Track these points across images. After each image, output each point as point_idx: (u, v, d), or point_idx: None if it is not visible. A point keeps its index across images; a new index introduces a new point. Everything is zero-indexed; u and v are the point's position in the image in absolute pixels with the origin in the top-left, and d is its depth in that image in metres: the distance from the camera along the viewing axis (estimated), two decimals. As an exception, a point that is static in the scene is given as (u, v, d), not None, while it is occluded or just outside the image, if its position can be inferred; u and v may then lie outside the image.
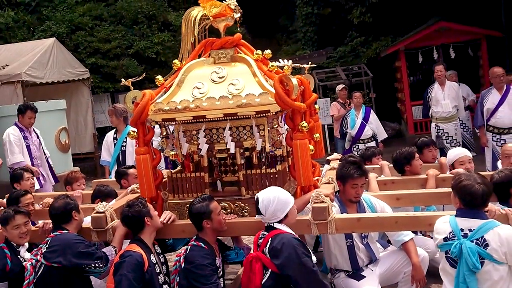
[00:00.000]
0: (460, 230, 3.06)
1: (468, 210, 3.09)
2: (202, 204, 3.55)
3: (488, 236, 2.97)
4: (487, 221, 3.04)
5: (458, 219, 3.11)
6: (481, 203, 3.09)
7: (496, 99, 6.81)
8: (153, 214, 3.63)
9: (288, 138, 3.91)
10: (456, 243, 3.03)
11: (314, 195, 3.48)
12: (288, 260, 3.16)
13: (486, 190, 3.07)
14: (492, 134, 6.89)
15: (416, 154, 4.60)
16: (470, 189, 3.06)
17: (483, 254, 2.95)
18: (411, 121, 12.46)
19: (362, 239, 3.82)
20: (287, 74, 3.68)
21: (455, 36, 11.90)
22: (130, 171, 5.11)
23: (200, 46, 4.27)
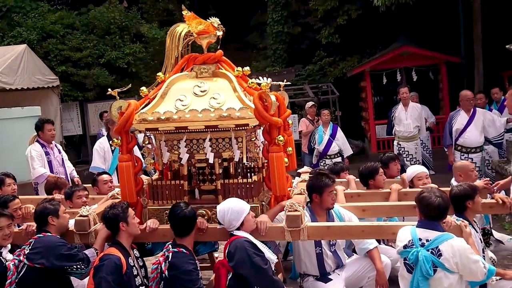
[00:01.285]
0: (419, 239, 3.39)
1: (427, 222, 3.43)
2: (190, 210, 3.76)
3: (442, 247, 3.30)
4: (442, 233, 3.38)
5: (418, 229, 3.44)
6: (437, 214, 3.43)
7: (464, 120, 7.30)
8: (130, 221, 3.76)
9: (264, 150, 4.17)
10: (414, 251, 3.36)
11: (288, 204, 3.75)
12: (240, 261, 3.52)
13: (442, 203, 3.41)
14: (460, 153, 7.38)
15: (380, 169, 4.93)
16: (427, 200, 3.42)
17: (436, 262, 3.29)
18: (374, 140, 12.95)
19: (330, 247, 4.12)
20: (266, 91, 3.96)
21: (418, 60, 12.53)
22: (99, 177, 5.28)
23: (183, 61, 4.50)
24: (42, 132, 6.59)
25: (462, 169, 4.78)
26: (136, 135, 4.32)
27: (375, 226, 3.72)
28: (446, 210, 3.44)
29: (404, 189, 4.81)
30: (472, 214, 3.96)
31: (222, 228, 3.77)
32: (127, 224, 3.73)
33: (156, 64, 15.24)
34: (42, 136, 6.60)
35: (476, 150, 7.46)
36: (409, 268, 3.39)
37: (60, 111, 12.52)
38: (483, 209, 4.14)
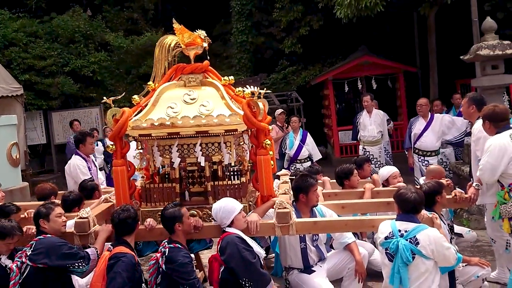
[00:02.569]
0: (398, 230, 3.80)
1: (405, 215, 3.84)
2: (174, 209, 4.02)
3: (419, 236, 3.71)
4: (419, 225, 3.79)
5: (397, 222, 3.85)
6: (412, 208, 3.84)
7: (422, 126, 7.85)
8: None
9: (252, 154, 4.49)
10: (394, 241, 3.76)
11: (277, 202, 4.08)
12: (231, 255, 3.83)
13: (418, 198, 3.84)
14: (418, 156, 7.92)
15: (355, 170, 5.34)
16: (404, 196, 3.84)
17: (414, 250, 3.69)
18: (337, 145, 13.48)
19: (313, 242, 4.47)
20: (254, 99, 4.30)
21: (377, 69, 13.17)
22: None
23: (171, 70, 4.77)
24: (84, 145, 6.30)
25: (436, 173, 5.21)
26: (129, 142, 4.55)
27: (357, 220, 4.12)
28: (421, 204, 3.85)
29: (376, 188, 5.23)
30: (440, 208, 4.41)
31: (216, 226, 4.07)
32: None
33: (121, 73, 15.35)
34: (83, 149, 6.31)
35: (432, 153, 7.99)
36: (390, 257, 3.78)
37: (24, 120, 12.44)
38: (448, 204, 4.59)
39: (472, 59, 7.60)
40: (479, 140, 5.00)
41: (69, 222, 4.15)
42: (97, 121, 14.34)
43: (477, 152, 5.09)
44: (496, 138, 4.51)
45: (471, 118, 5.43)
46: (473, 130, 5.21)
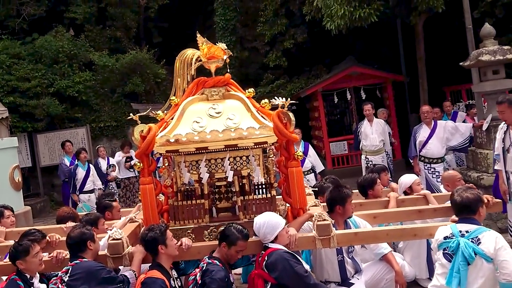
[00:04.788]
0: (459, 231, 3.67)
1: (464, 219, 3.73)
2: (235, 233, 3.92)
3: (481, 236, 3.58)
4: (481, 227, 3.69)
5: (458, 224, 3.75)
6: (468, 210, 3.72)
7: (426, 133, 7.89)
8: (169, 243, 3.85)
9: (281, 166, 4.40)
10: (455, 240, 3.62)
11: (317, 214, 3.99)
12: (284, 271, 3.72)
13: (470, 197, 3.71)
14: (424, 163, 7.94)
15: (378, 180, 5.30)
16: (455, 201, 3.78)
17: (476, 249, 3.53)
18: (329, 156, 13.47)
19: (348, 254, 4.38)
20: (284, 110, 4.23)
21: (365, 79, 13.27)
22: (114, 204, 5.27)
23: (193, 84, 4.67)
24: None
25: (449, 179, 5.21)
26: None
27: (399, 229, 4.06)
28: (476, 202, 3.72)
29: (400, 197, 5.19)
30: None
31: (258, 241, 3.95)
32: (166, 246, 3.81)
33: (106, 92, 15.09)
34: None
35: (438, 160, 8.06)
36: (449, 257, 3.62)
37: (10, 143, 12.08)
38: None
39: (473, 65, 7.71)
40: None
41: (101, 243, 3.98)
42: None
43: None
44: None
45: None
46: None
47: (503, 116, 5.51)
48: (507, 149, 5.41)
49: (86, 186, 9.84)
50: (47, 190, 14.44)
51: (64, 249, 3.99)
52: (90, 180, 9.93)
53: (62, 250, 3.95)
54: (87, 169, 9.92)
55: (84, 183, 9.82)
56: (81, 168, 9.85)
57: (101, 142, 14.16)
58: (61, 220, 4.94)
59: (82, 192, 9.82)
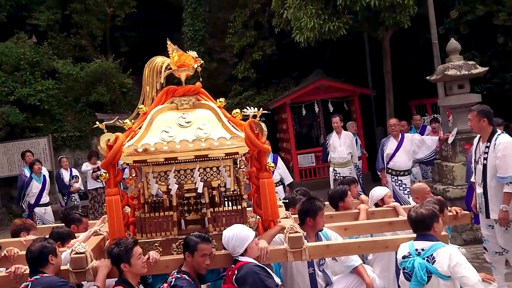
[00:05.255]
0: (415, 250, 3.72)
1: (420, 235, 3.77)
2: (193, 239, 3.82)
3: (436, 253, 3.63)
4: (437, 243, 3.71)
5: (415, 242, 3.78)
6: (423, 226, 3.76)
7: (394, 146, 7.96)
8: (134, 262, 3.68)
9: (253, 177, 4.31)
10: (411, 260, 3.68)
11: (289, 226, 3.91)
12: (254, 285, 3.61)
13: (423, 214, 3.75)
14: (391, 176, 8.00)
15: (349, 191, 5.27)
16: (410, 217, 3.82)
17: (430, 268, 3.60)
18: (297, 169, 13.48)
19: (319, 266, 4.31)
20: (257, 120, 4.15)
21: (333, 92, 13.39)
22: (84, 219, 5.07)
23: (162, 93, 4.54)
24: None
25: (419, 192, 5.22)
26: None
27: (370, 241, 4.02)
28: (430, 218, 3.75)
29: (370, 209, 5.17)
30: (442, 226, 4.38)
31: (227, 254, 3.84)
32: (130, 265, 3.66)
33: (70, 101, 14.74)
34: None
35: (405, 173, 8.14)
36: (408, 276, 3.69)
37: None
38: (449, 221, 4.60)
39: (439, 79, 7.85)
40: (506, 158, 5.10)
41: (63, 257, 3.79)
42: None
43: (500, 170, 5.15)
44: None
45: (483, 131, 5.47)
46: (495, 147, 5.24)
47: (470, 123, 5.60)
48: (477, 161, 5.48)
49: (42, 199, 9.47)
50: (5, 202, 13.91)
51: (24, 264, 3.78)
52: (45, 193, 9.57)
53: (21, 265, 3.74)
54: (42, 182, 9.52)
55: (40, 196, 9.44)
56: (35, 180, 9.45)
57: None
58: (15, 233, 4.70)
59: (37, 205, 9.44)
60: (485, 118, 5.39)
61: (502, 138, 5.29)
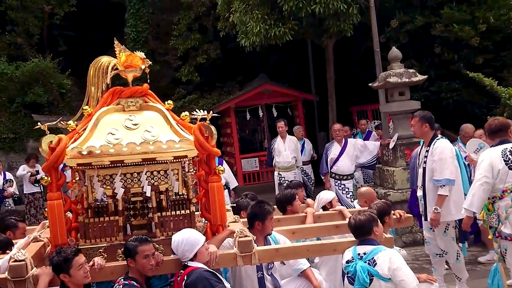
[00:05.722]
0: (358, 254, 3.83)
1: (362, 240, 3.89)
2: (132, 243, 3.70)
3: (377, 257, 3.75)
4: (378, 246, 3.84)
5: (358, 247, 3.90)
6: (363, 231, 3.89)
7: (338, 150, 8.10)
8: (74, 273, 3.52)
9: (202, 181, 4.25)
10: (353, 264, 3.79)
11: (238, 230, 3.88)
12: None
13: (362, 220, 3.89)
14: (334, 180, 8.14)
15: (296, 195, 5.31)
16: (351, 224, 3.97)
17: (371, 271, 3.72)
18: (240, 173, 13.46)
19: (268, 270, 4.31)
20: (206, 123, 4.10)
21: (277, 97, 13.48)
22: (20, 224, 4.80)
23: (108, 94, 4.40)
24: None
25: (368, 196, 5.35)
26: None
27: (319, 244, 4.06)
28: (369, 223, 3.88)
29: (317, 212, 5.23)
30: (387, 228, 4.50)
31: (176, 260, 3.76)
32: (70, 276, 3.51)
33: (4, 101, 14.05)
34: None
35: (348, 177, 8.33)
36: (351, 280, 3.78)
37: None
38: (394, 224, 4.73)
39: (381, 86, 8.08)
40: (441, 161, 5.29)
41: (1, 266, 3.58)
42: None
43: (436, 173, 5.34)
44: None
45: (425, 136, 5.65)
46: (433, 150, 5.42)
47: (413, 128, 5.81)
48: (419, 165, 5.67)
49: None
50: None
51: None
52: None
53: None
54: None
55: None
56: None
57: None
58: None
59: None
60: (427, 123, 5.60)
61: (439, 143, 5.51)
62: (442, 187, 5.36)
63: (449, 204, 5.41)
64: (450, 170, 5.34)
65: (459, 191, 5.50)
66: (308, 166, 9.24)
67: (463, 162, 5.73)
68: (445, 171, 5.35)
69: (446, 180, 5.33)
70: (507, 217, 4.62)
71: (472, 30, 10.61)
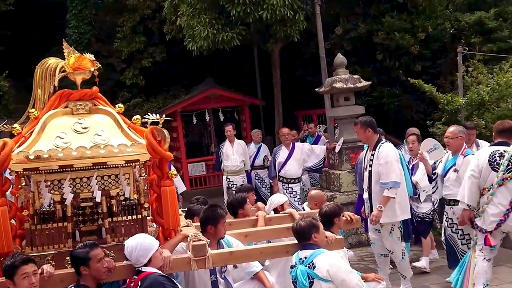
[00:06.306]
0: (299, 259, 3.94)
1: (303, 245, 4.00)
2: (81, 251, 3.60)
3: (316, 259, 3.86)
4: (317, 250, 3.95)
5: (300, 252, 4.00)
6: (302, 237, 4.01)
7: (285, 154, 8.22)
8: (18, 282, 3.39)
9: (153, 185, 4.21)
10: (295, 269, 3.91)
11: (192, 234, 3.87)
12: None
13: (302, 226, 4.02)
14: (282, 183, 8.25)
15: (248, 199, 5.34)
16: (293, 229, 4.10)
17: (311, 273, 3.83)
18: (187, 178, 13.37)
19: (221, 274, 4.32)
20: (158, 127, 4.07)
21: (224, 101, 13.51)
22: None
23: (56, 97, 4.28)
24: None
25: (318, 198, 5.47)
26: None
27: (272, 247, 4.12)
28: (309, 229, 3.99)
29: (268, 215, 5.29)
30: (337, 229, 4.62)
31: (129, 265, 3.70)
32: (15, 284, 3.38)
33: None
34: None
35: (295, 180, 8.48)
36: (295, 285, 3.90)
37: None
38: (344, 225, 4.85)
39: (327, 91, 8.28)
40: (387, 164, 5.49)
41: None
42: None
43: (382, 176, 5.52)
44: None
45: (369, 141, 5.82)
46: (378, 154, 5.59)
47: (358, 135, 6.00)
48: (365, 168, 5.85)
49: None
50: None
51: None
52: None
53: None
54: None
55: None
56: None
57: None
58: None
59: None
60: (369, 128, 5.80)
61: (384, 147, 5.71)
62: (388, 189, 5.54)
63: (394, 205, 5.62)
64: (396, 173, 5.54)
65: (404, 193, 5.73)
66: (262, 171, 9.27)
67: (406, 165, 5.96)
68: (392, 174, 5.54)
69: (392, 183, 5.52)
70: (482, 211, 5.12)
71: (411, 39, 11.08)
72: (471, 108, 8.81)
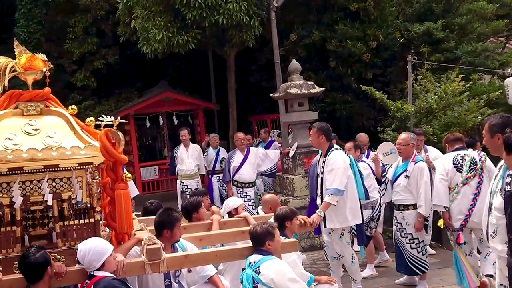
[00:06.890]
0: (249, 263, 4.00)
1: (256, 250, 4.06)
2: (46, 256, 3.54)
3: (262, 265, 3.92)
4: (265, 256, 4.00)
5: (251, 256, 4.05)
6: (255, 242, 4.08)
7: (240, 159, 8.25)
8: None
9: (108, 188, 4.15)
10: (243, 272, 3.97)
11: (146, 238, 3.84)
12: None
13: (254, 232, 4.07)
14: (237, 187, 8.28)
15: (202, 203, 5.34)
16: (249, 233, 4.14)
17: (256, 278, 3.89)
18: (139, 182, 13.18)
19: (175, 278, 4.30)
20: (113, 129, 4.02)
21: (178, 105, 13.43)
22: None
23: (5, 97, 4.16)
24: None
25: (273, 202, 5.52)
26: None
27: (227, 250, 4.14)
28: (262, 236, 4.04)
29: (223, 219, 5.31)
30: (290, 233, 4.69)
31: (81, 270, 3.63)
32: None
33: None
34: None
35: (249, 185, 8.53)
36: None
37: None
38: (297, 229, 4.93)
39: (282, 96, 8.39)
40: (333, 171, 5.60)
41: None
42: None
43: (327, 182, 5.62)
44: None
45: (322, 147, 5.92)
46: (327, 161, 5.69)
47: (311, 139, 6.11)
48: (318, 174, 5.95)
49: None
50: None
51: None
52: None
53: None
54: None
55: None
56: None
57: None
58: None
59: None
60: (323, 134, 5.91)
61: (333, 154, 5.83)
62: (329, 195, 5.64)
63: (345, 211, 5.75)
64: (340, 180, 5.64)
65: (355, 199, 5.87)
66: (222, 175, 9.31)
67: (358, 170, 6.10)
68: (335, 181, 5.64)
69: (334, 190, 5.62)
70: (449, 209, 5.68)
71: (363, 47, 11.38)
72: (420, 115, 9.13)
